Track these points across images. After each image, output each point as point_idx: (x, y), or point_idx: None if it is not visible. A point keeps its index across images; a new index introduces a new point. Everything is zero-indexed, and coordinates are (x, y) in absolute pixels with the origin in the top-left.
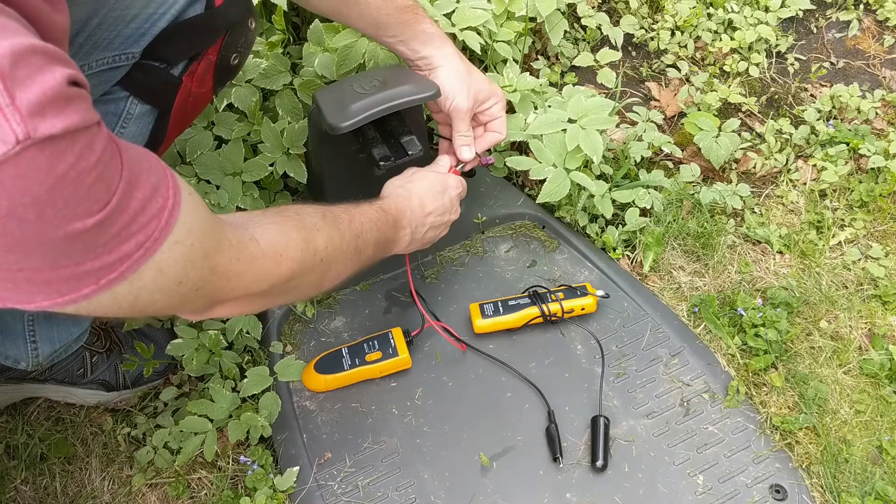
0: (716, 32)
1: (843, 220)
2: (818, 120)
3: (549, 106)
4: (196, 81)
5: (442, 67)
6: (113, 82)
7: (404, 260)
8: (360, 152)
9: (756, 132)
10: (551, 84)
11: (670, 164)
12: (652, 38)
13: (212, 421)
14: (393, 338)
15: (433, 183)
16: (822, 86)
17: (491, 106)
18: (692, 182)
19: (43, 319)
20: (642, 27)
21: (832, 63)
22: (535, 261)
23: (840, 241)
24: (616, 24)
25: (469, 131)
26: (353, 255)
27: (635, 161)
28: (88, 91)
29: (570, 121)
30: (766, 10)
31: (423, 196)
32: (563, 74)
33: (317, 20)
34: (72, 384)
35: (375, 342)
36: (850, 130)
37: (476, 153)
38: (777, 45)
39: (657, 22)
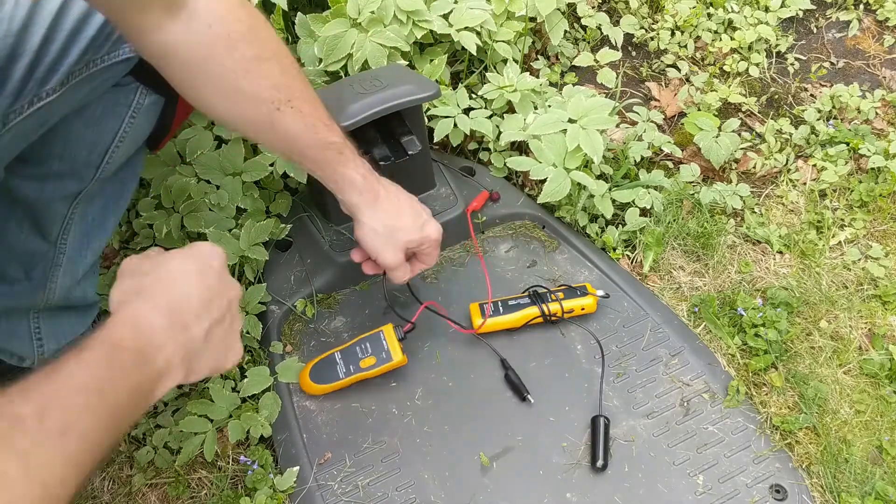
0: (716, 32)
1: (843, 220)
2: (818, 120)
3: (549, 106)
4: None
5: (364, 225)
6: (124, 73)
7: None
8: (360, 152)
9: (756, 132)
10: (551, 84)
11: (670, 164)
12: (652, 38)
13: (212, 421)
14: (385, 338)
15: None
16: (822, 86)
17: (423, 250)
18: (692, 182)
19: (48, 317)
20: (642, 27)
21: (832, 63)
22: (535, 261)
23: (840, 241)
24: (616, 24)
25: (396, 267)
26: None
27: (635, 161)
28: None
29: (571, 121)
30: (766, 10)
31: (172, 292)
32: (563, 74)
33: (300, 13)
34: None
35: (368, 345)
36: (850, 130)
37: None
38: (777, 45)
39: (657, 22)
